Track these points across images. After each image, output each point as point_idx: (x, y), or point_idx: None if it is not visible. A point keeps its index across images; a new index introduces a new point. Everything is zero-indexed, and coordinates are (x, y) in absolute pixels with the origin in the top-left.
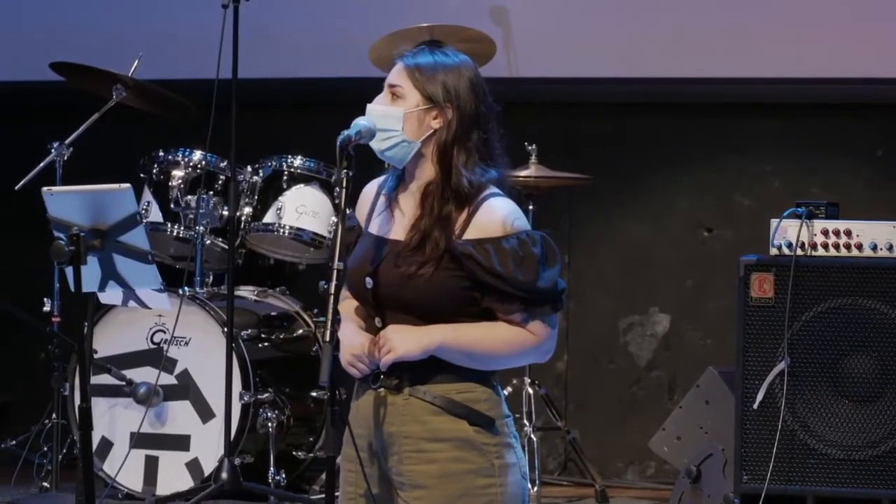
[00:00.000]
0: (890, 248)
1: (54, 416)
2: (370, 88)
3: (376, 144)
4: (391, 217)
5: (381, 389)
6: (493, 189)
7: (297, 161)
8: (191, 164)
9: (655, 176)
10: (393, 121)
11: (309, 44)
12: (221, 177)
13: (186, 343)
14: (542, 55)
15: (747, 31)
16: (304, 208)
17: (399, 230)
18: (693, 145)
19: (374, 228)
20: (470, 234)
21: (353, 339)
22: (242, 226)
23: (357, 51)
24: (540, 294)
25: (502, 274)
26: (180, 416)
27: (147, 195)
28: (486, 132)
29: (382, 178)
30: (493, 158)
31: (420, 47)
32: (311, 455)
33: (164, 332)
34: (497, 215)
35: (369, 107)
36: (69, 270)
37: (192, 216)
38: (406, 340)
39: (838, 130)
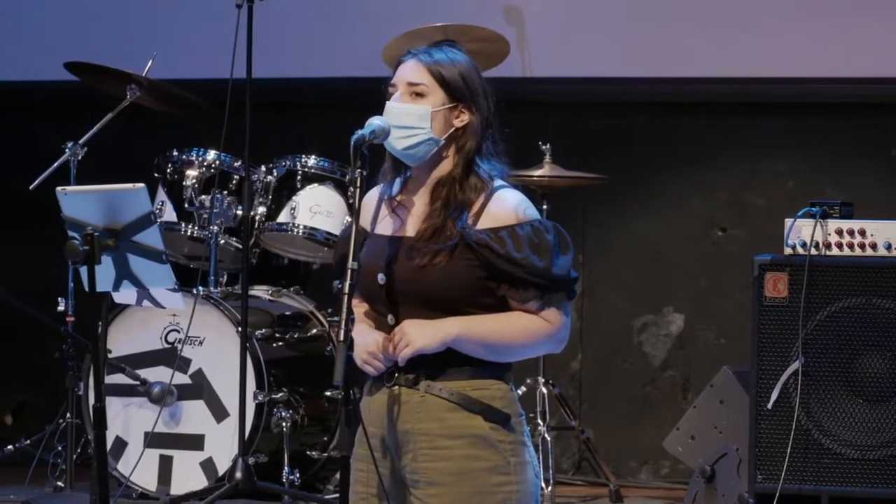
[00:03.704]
0: None
1: (69, 415)
2: (384, 88)
3: (395, 143)
4: (398, 218)
5: (396, 387)
6: (501, 182)
7: (311, 161)
8: (205, 163)
9: (669, 175)
10: (417, 118)
11: (323, 43)
12: (235, 176)
13: (200, 342)
14: (556, 55)
15: (761, 31)
16: (318, 208)
17: (409, 227)
18: (706, 145)
19: (381, 230)
20: (483, 223)
21: (367, 337)
22: (256, 225)
23: (371, 50)
24: (555, 281)
25: (519, 260)
26: (194, 415)
27: (161, 195)
28: (494, 130)
29: (381, 186)
30: (498, 155)
31: (424, 46)
32: (326, 454)
33: (179, 332)
34: (509, 204)
35: (390, 104)
36: (83, 270)
37: (206, 216)
38: (423, 333)
39: (852, 130)
